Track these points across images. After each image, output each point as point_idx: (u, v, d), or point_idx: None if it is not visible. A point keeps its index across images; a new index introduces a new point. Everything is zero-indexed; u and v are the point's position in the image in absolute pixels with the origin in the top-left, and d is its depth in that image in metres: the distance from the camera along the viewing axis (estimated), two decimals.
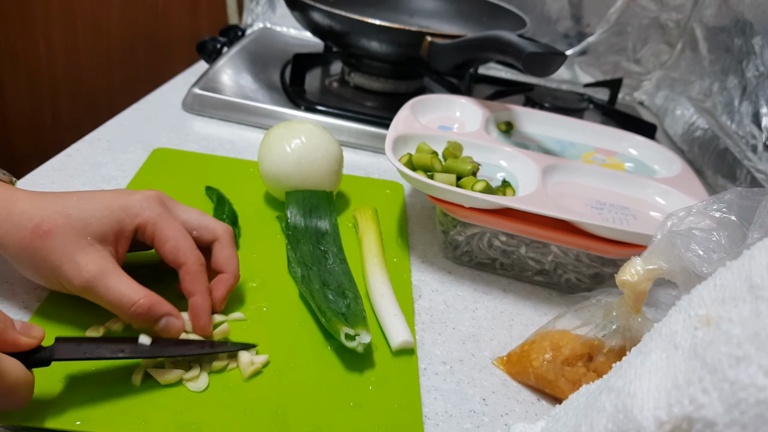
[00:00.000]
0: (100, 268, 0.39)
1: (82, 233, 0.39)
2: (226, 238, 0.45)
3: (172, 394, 0.38)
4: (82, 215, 0.40)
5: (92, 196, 0.42)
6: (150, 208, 0.42)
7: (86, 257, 0.39)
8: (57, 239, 0.39)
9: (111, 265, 0.40)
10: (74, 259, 0.39)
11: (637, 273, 0.39)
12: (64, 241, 0.39)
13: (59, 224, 0.39)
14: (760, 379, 0.22)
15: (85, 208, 0.40)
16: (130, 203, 0.42)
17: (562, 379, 0.43)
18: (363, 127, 0.76)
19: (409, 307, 0.49)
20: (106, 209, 0.41)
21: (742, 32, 0.83)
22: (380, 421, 0.39)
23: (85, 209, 0.40)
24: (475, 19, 0.93)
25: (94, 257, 0.39)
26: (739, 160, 0.77)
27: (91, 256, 0.39)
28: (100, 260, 0.39)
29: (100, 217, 0.40)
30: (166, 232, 0.42)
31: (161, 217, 0.42)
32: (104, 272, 0.39)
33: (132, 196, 0.42)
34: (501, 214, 0.51)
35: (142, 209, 0.42)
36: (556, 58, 0.61)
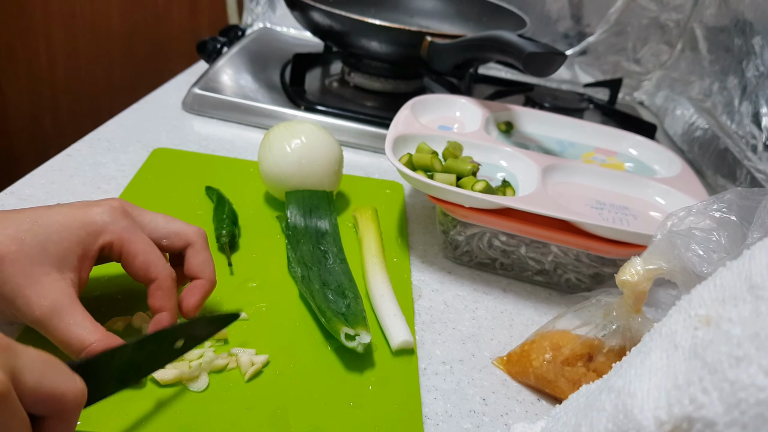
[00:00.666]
0: (53, 305, 0.35)
1: (38, 261, 0.35)
2: (199, 242, 0.42)
3: (172, 394, 0.38)
4: (37, 239, 0.35)
5: (49, 215, 0.37)
6: (114, 222, 0.38)
7: (39, 290, 0.35)
8: (8, 269, 0.34)
9: (66, 300, 0.35)
10: (25, 293, 0.35)
11: (637, 273, 0.39)
12: (15, 271, 0.34)
13: (11, 251, 0.35)
14: (760, 379, 0.22)
15: (41, 230, 0.36)
16: (92, 219, 0.37)
17: (562, 379, 0.43)
18: (363, 127, 0.76)
19: (409, 307, 0.49)
20: (65, 230, 0.36)
21: (742, 32, 0.83)
22: (380, 421, 0.39)
23: (41, 232, 0.36)
24: (475, 19, 0.93)
25: (48, 290, 0.35)
26: (739, 160, 0.77)
27: (44, 289, 0.35)
28: (54, 294, 0.35)
29: (57, 240, 0.36)
30: (133, 246, 0.38)
31: (127, 231, 0.38)
32: (56, 309, 0.35)
33: (92, 210, 0.38)
34: (501, 214, 0.51)
35: (106, 225, 0.38)
36: (556, 58, 0.61)
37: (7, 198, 0.54)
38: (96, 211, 0.38)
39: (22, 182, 0.56)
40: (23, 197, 0.54)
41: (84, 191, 0.56)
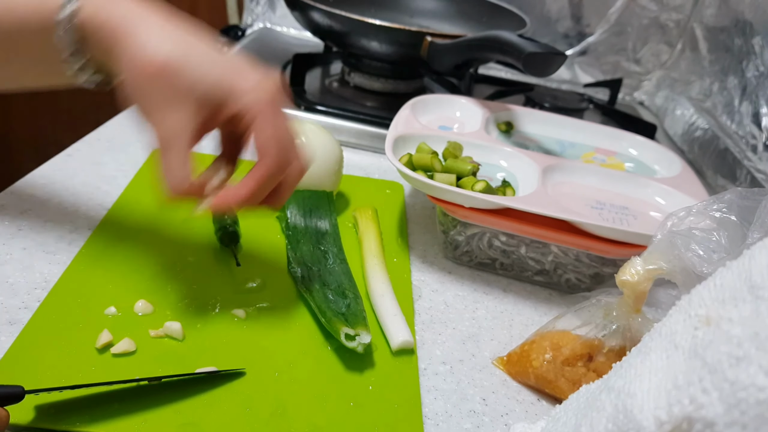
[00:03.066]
0: (173, 136, 0.38)
1: (184, 92, 0.38)
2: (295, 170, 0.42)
3: (172, 393, 0.38)
4: (194, 74, 0.38)
5: (213, 58, 0.39)
6: (260, 97, 0.39)
7: (174, 115, 0.38)
8: (162, 85, 0.38)
9: (185, 136, 0.38)
10: (162, 111, 0.38)
11: (637, 273, 0.39)
12: (166, 87, 0.38)
13: (175, 69, 0.37)
14: (760, 379, 0.22)
15: (202, 67, 0.38)
16: (243, 88, 0.39)
17: (562, 379, 0.43)
18: (363, 127, 0.76)
19: (409, 307, 0.49)
20: (218, 81, 0.39)
21: (742, 32, 0.83)
22: (380, 421, 0.39)
23: (202, 69, 0.38)
24: (475, 19, 0.93)
25: (177, 121, 0.38)
26: (739, 160, 0.77)
27: (176, 118, 0.38)
28: (179, 127, 0.38)
29: (208, 85, 0.38)
30: (265, 125, 0.39)
31: (266, 110, 0.39)
32: (173, 142, 0.38)
33: (248, 78, 0.39)
34: (501, 214, 0.51)
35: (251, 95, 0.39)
36: (556, 58, 0.61)
37: (7, 198, 0.54)
38: (251, 80, 0.39)
39: (22, 182, 0.56)
40: (23, 197, 0.54)
41: (84, 191, 0.56)
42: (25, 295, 0.44)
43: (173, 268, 0.48)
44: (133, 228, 0.52)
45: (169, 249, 0.50)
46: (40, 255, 0.48)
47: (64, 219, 0.52)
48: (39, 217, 0.52)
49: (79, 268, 0.46)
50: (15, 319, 0.42)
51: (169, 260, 0.49)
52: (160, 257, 0.49)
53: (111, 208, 0.54)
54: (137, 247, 0.50)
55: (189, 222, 0.54)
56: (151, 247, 0.50)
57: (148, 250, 0.50)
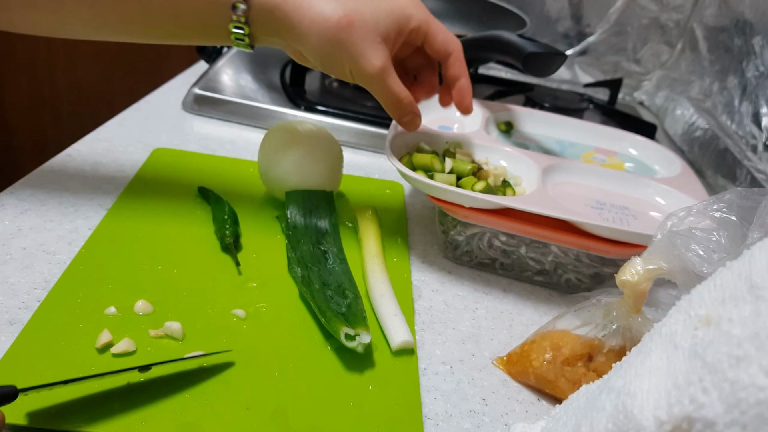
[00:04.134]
0: (384, 65, 0.47)
1: (374, 31, 0.46)
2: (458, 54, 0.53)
3: (171, 393, 0.38)
4: (373, 15, 0.47)
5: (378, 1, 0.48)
6: (419, 10, 0.50)
7: (375, 53, 0.47)
8: (356, 33, 0.46)
9: (390, 64, 0.48)
10: (367, 54, 0.46)
11: (637, 273, 0.39)
12: (361, 35, 0.46)
13: (357, 20, 0.46)
14: (760, 379, 0.22)
15: (374, 9, 0.47)
16: (407, 9, 0.49)
17: (562, 379, 0.43)
18: (363, 127, 0.76)
19: (409, 307, 0.49)
20: (391, 11, 0.48)
21: (742, 32, 0.83)
22: (380, 421, 0.39)
23: (375, 10, 0.47)
24: (475, 19, 0.93)
25: (380, 54, 0.47)
26: (739, 160, 0.77)
27: (379, 53, 0.47)
28: (384, 58, 0.47)
29: (385, 17, 0.47)
30: (434, 27, 0.51)
31: (430, 17, 0.51)
32: (386, 69, 0.48)
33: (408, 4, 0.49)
34: (501, 214, 0.51)
35: (414, 11, 0.49)
36: (556, 58, 0.61)
37: (7, 198, 0.54)
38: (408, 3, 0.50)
39: (22, 182, 0.56)
40: (23, 197, 0.54)
41: (84, 191, 0.56)
42: (25, 295, 0.44)
43: (173, 268, 0.48)
44: (133, 228, 0.52)
45: (169, 249, 0.50)
46: (40, 255, 0.48)
47: (64, 219, 0.52)
48: (39, 217, 0.52)
49: (79, 268, 0.46)
50: (15, 319, 0.42)
51: (170, 260, 0.49)
52: (161, 257, 0.49)
53: (111, 208, 0.54)
54: (137, 247, 0.50)
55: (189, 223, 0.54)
56: (151, 247, 0.50)
57: (148, 250, 0.50)
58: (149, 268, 0.48)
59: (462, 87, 0.54)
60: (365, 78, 0.48)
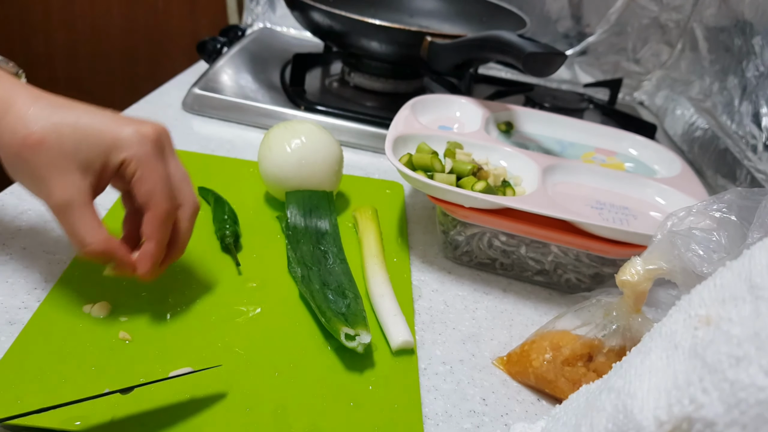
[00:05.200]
0: (69, 200, 0.38)
1: (69, 157, 0.38)
2: (187, 210, 0.43)
3: (171, 393, 0.38)
4: (74, 137, 0.38)
5: (90, 118, 0.40)
6: (141, 144, 0.40)
7: (62, 183, 0.38)
8: (43, 156, 0.38)
9: (81, 199, 0.39)
10: (51, 182, 0.38)
11: (637, 273, 0.39)
12: (49, 159, 0.38)
13: (50, 140, 0.38)
14: (760, 379, 0.22)
15: (80, 131, 0.39)
16: (122, 138, 0.39)
17: (562, 379, 0.43)
18: (363, 127, 0.76)
19: (409, 307, 0.49)
20: (99, 138, 0.39)
21: (742, 32, 0.83)
22: (380, 421, 0.39)
23: (80, 133, 0.39)
24: (475, 19, 0.93)
25: (69, 185, 0.38)
26: (739, 160, 0.77)
27: (66, 183, 0.38)
28: (72, 190, 0.38)
29: (89, 145, 0.39)
30: (147, 173, 0.40)
31: (147, 157, 0.40)
32: (70, 205, 0.38)
33: (126, 129, 0.40)
34: (501, 214, 0.51)
35: (131, 144, 0.40)
36: (556, 58, 0.61)
37: (7, 198, 0.54)
38: (128, 131, 0.40)
39: None
40: (23, 197, 0.54)
41: None
42: (25, 295, 0.44)
43: (173, 268, 0.48)
44: None
45: None
46: (40, 255, 0.48)
47: None
48: (39, 217, 0.52)
49: (79, 268, 0.46)
50: (15, 319, 0.42)
51: None
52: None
53: (111, 208, 0.54)
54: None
55: None
56: None
57: None
58: None
59: (144, 252, 0.41)
60: (50, 209, 0.39)
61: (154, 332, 0.42)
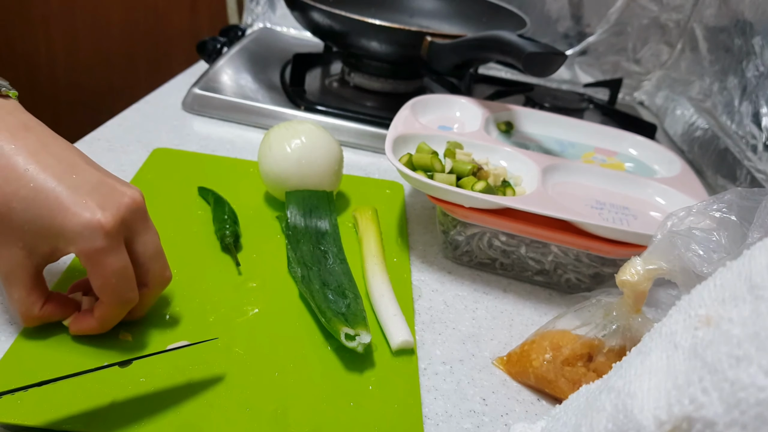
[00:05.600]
0: (9, 273, 0.37)
1: (15, 233, 0.36)
2: (153, 290, 0.41)
3: (170, 394, 0.38)
4: (22, 216, 0.36)
5: (47, 195, 0.36)
6: (91, 239, 0.36)
7: (4, 255, 0.37)
8: None
9: (22, 274, 0.37)
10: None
11: (637, 273, 0.39)
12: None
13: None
14: (760, 379, 0.22)
15: (34, 206, 0.36)
16: (70, 230, 0.36)
17: (562, 379, 0.43)
18: (363, 127, 0.76)
19: (409, 307, 0.49)
20: (46, 225, 0.36)
21: (742, 32, 0.83)
22: (380, 421, 0.39)
23: (33, 208, 0.36)
24: (475, 19, 0.93)
25: (11, 258, 0.37)
26: (739, 160, 0.77)
27: (9, 256, 0.37)
28: (13, 264, 0.37)
29: (37, 229, 0.36)
30: (97, 270, 0.37)
31: (98, 254, 0.36)
32: (8, 279, 0.38)
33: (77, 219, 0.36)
34: (501, 214, 0.51)
35: (80, 239, 0.36)
36: (556, 58, 0.61)
37: None
38: (79, 221, 0.36)
39: None
40: None
41: None
42: None
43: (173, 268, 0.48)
44: None
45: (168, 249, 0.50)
46: None
47: None
48: None
49: (79, 268, 0.46)
50: (15, 319, 0.41)
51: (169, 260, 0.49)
52: None
53: None
54: None
55: (189, 223, 0.54)
56: None
57: None
58: None
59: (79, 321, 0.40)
60: None
61: (155, 332, 0.42)
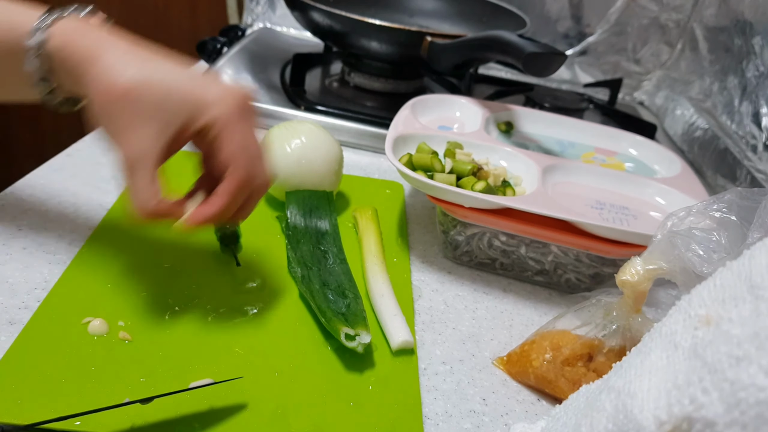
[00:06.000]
0: (136, 157, 0.38)
1: (151, 111, 0.38)
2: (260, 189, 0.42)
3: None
4: (159, 93, 0.38)
5: (177, 75, 0.39)
6: (226, 106, 0.39)
7: (135, 138, 0.38)
8: (126, 107, 0.38)
9: (149, 160, 0.38)
10: (127, 135, 0.38)
11: (637, 273, 0.39)
12: (130, 111, 0.38)
13: (134, 93, 0.38)
14: (760, 379, 0.22)
15: (168, 86, 0.38)
16: (208, 99, 0.39)
17: (562, 379, 0.43)
18: (363, 127, 0.76)
19: (409, 307, 0.49)
20: (183, 97, 0.39)
21: (742, 32, 0.83)
22: (380, 421, 0.39)
23: (167, 88, 0.38)
24: (475, 19, 0.93)
25: (141, 141, 0.38)
26: (739, 160, 0.77)
27: (139, 139, 0.38)
28: (143, 148, 0.38)
29: (173, 103, 0.38)
30: (229, 137, 0.39)
31: (231, 120, 0.39)
32: (136, 163, 0.38)
33: (212, 90, 0.39)
34: (501, 214, 0.51)
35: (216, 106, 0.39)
36: (556, 58, 0.61)
37: (7, 198, 0.54)
38: (215, 91, 0.39)
39: (22, 182, 0.56)
40: (23, 197, 0.54)
41: (84, 191, 0.56)
42: (25, 295, 0.44)
43: (173, 268, 0.48)
44: (132, 228, 0.52)
45: (169, 249, 0.50)
46: (40, 255, 0.48)
47: (64, 219, 0.52)
48: (39, 217, 0.52)
49: (79, 268, 0.46)
50: (15, 319, 0.42)
51: (169, 260, 0.49)
52: (160, 257, 0.49)
53: (111, 208, 0.54)
54: (137, 247, 0.50)
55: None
56: (151, 247, 0.50)
57: (148, 250, 0.50)
58: (149, 267, 0.48)
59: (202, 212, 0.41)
60: (117, 159, 0.39)
61: (154, 332, 0.42)
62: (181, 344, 0.42)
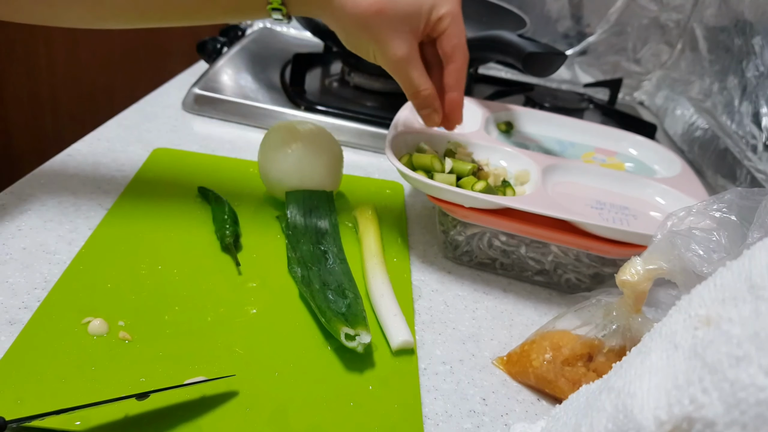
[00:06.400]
0: (407, 55, 0.49)
1: (403, 20, 0.48)
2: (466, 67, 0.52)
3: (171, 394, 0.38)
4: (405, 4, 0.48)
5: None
6: (453, 3, 0.50)
7: (400, 42, 0.48)
8: (384, 20, 0.47)
9: (414, 53, 0.50)
10: (393, 42, 0.48)
11: (637, 273, 0.39)
12: (389, 23, 0.48)
13: (388, 8, 0.47)
14: (760, 379, 0.22)
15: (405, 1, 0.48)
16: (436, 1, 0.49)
17: (562, 379, 0.43)
18: (363, 127, 0.76)
19: (409, 307, 0.49)
20: (422, 7, 0.49)
21: (742, 32, 0.83)
22: (380, 421, 0.39)
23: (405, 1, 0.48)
24: (475, 19, 0.93)
25: (405, 43, 0.49)
26: (739, 160, 0.77)
27: (404, 42, 0.48)
28: (408, 47, 0.49)
29: (417, 8, 0.48)
30: (456, 28, 0.50)
31: (457, 14, 0.50)
32: (409, 59, 0.49)
33: None
34: (501, 214, 0.51)
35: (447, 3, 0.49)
36: (556, 58, 0.61)
37: (7, 198, 0.54)
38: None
39: (22, 182, 0.56)
40: (23, 197, 0.54)
41: (84, 191, 0.56)
42: (25, 295, 0.44)
43: (173, 268, 0.48)
44: (132, 228, 0.52)
45: (169, 249, 0.50)
46: (40, 255, 0.48)
47: (64, 219, 0.52)
48: (39, 217, 0.52)
49: (79, 268, 0.46)
50: (15, 319, 0.42)
51: (169, 260, 0.49)
52: (160, 257, 0.49)
53: (111, 208, 0.54)
54: (137, 246, 0.50)
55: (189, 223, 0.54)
56: (151, 247, 0.50)
57: (148, 249, 0.50)
58: (149, 267, 0.48)
59: (452, 100, 0.53)
60: (389, 64, 0.50)
61: (154, 332, 0.42)
62: (181, 344, 0.42)
